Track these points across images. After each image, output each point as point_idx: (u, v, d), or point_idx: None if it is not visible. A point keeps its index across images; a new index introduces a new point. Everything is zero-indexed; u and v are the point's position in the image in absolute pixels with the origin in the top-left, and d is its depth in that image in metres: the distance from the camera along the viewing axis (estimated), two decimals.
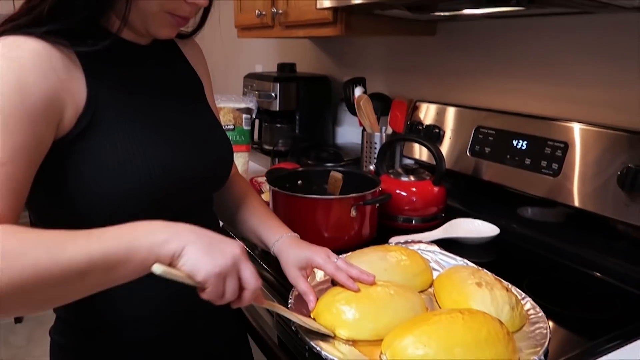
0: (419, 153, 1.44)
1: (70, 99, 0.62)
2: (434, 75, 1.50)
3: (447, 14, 1.23)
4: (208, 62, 0.90)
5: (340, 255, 0.85)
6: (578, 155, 1.04)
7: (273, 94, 1.81)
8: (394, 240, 1.09)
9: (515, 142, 1.17)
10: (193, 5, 0.69)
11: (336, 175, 1.18)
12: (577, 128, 1.05)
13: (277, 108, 1.83)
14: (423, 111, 1.44)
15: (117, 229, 0.55)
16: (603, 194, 0.98)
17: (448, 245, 1.06)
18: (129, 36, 0.71)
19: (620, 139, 0.98)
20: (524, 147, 1.15)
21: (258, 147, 1.97)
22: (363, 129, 1.55)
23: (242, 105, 1.58)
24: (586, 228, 1.06)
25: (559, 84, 1.16)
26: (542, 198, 1.10)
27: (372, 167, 1.48)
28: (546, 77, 1.19)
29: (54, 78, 0.60)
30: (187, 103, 0.78)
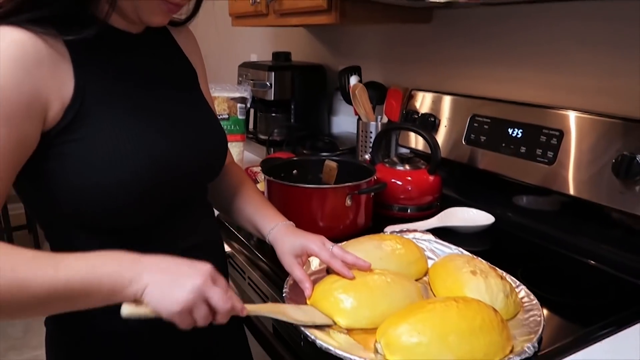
0: (415, 142, 1.44)
1: (55, 94, 0.61)
2: (430, 63, 1.49)
3: (443, 1, 1.22)
4: (202, 51, 0.89)
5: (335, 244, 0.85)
6: (573, 143, 1.04)
7: (268, 83, 1.80)
8: (389, 229, 1.09)
9: (510, 131, 1.17)
10: None
11: (331, 164, 1.18)
12: (573, 116, 1.05)
13: (272, 97, 1.82)
14: (419, 100, 1.43)
15: (85, 263, 0.57)
16: (598, 182, 0.99)
17: (443, 233, 1.06)
18: (121, 24, 0.70)
19: (615, 127, 0.97)
20: (519, 136, 1.15)
21: (253, 137, 1.96)
22: (358, 118, 1.55)
23: (237, 94, 1.57)
24: (581, 216, 1.07)
25: (555, 72, 1.15)
26: (537, 186, 1.10)
27: (368, 156, 1.48)
28: (542, 65, 1.18)
29: (37, 74, 0.59)
30: (180, 93, 0.77)
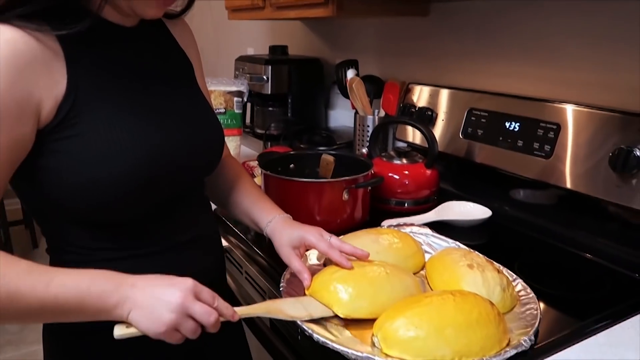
0: (412, 136, 1.43)
1: (48, 92, 0.60)
2: (427, 57, 1.49)
3: None
4: (198, 45, 0.88)
5: None
6: (570, 136, 1.04)
7: (265, 77, 1.79)
8: (386, 223, 1.09)
9: (507, 124, 1.17)
10: None
11: (328, 158, 1.18)
12: (570, 109, 1.05)
13: (269, 91, 1.81)
14: (416, 93, 1.43)
15: (75, 280, 0.59)
16: (594, 175, 0.99)
17: (440, 227, 1.06)
18: (114, 18, 0.69)
19: (612, 120, 0.97)
20: (517, 129, 1.14)
21: (250, 131, 1.95)
22: (355, 112, 1.54)
23: (234, 88, 1.56)
24: (577, 209, 1.07)
25: (552, 66, 1.15)
26: (534, 180, 1.10)
27: (365, 150, 1.47)
28: (539, 59, 1.18)
29: (29, 74, 0.58)
30: (176, 87, 0.77)
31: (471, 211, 1.16)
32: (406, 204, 1.21)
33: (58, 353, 0.76)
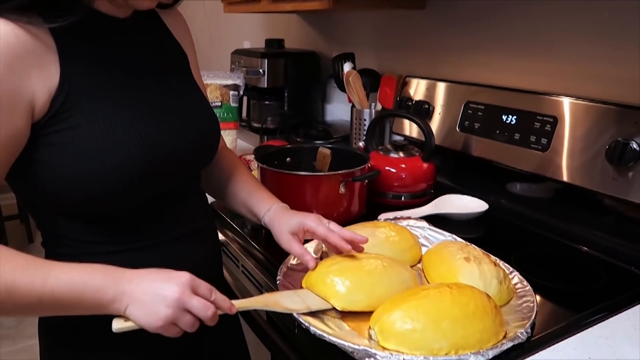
0: (409, 129, 1.43)
1: (41, 86, 0.60)
2: (424, 50, 1.48)
3: None
4: (194, 38, 0.88)
5: None
6: (567, 129, 1.04)
7: (261, 71, 1.79)
8: (383, 216, 1.09)
9: (504, 117, 1.16)
10: None
11: (324, 151, 1.17)
12: (567, 102, 1.05)
13: (265, 85, 1.80)
14: (413, 87, 1.43)
15: (72, 274, 0.59)
16: (591, 168, 0.99)
17: (437, 221, 1.06)
18: (107, 9, 0.68)
19: (608, 113, 0.97)
20: (514, 122, 1.14)
21: (246, 125, 1.95)
22: (352, 106, 1.54)
23: (230, 81, 1.55)
24: (574, 202, 1.07)
25: (549, 59, 1.15)
26: (531, 173, 1.10)
27: (362, 144, 1.47)
28: (536, 52, 1.17)
29: (21, 68, 0.58)
30: (171, 79, 0.76)
31: (468, 204, 1.16)
32: (403, 198, 1.21)
33: (54, 347, 0.76)
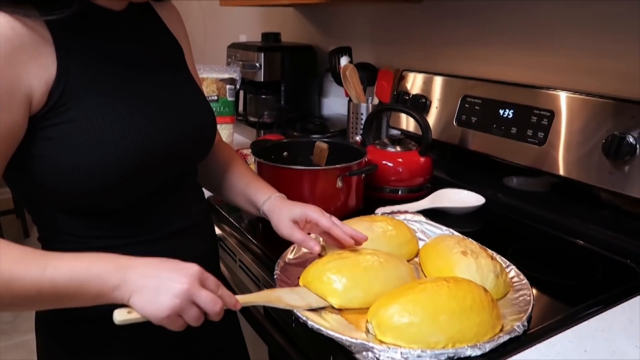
0: (406, 123, 1.43)
1: (38, 78, 0.59)
2: (421, 44, 1.48)
3: None
4: (190, 31, 0.87)
5: None
6: (564, 123, 1.04)
7: (257, 64, 1.78)
8: (380, 210, 1.09)
9: (501, 111, 1.16)
10: None
11: (321, 145, 1.17)
12: (564, 96, 1.05)
13: (262, 79, 1.79)
14: (410, 81, 1.42)
15: (72, 263, 0.58)
16: (588, 162, 0.99)
17: (434, 215, 1.06)
18: (103, 1, 0.67)
19: (605, 107, 0.97)
20: (511, 116, 1.14)
21: (243, 119, 1.94)
22: (349, 100, 1.53)
23: (226, 75, 1.55)
24: (570, 196, 1.07)
25: (546, 53, 1.15)
26: (528, 167, 1.10)
27: (358, 138, 1.47)
28: (533, 46, 1.17)
29: (18, 61, 0.57)
30: (167, 72, 0.76)
31: (465, 199, 1.16)
32: (400, 192, 1.21)
33: (51, 342, 0.76)
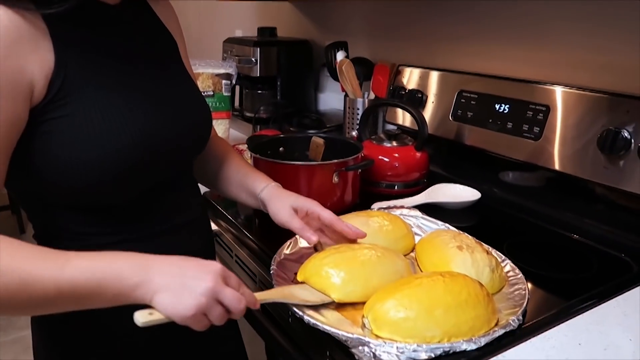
0: (402, 118, 1.43)
1: (38, 70, 0.59)
2: (417, 39, 1.48)
3: None
4: (185, 26, 0.87)
5: None
6: (559, 118, 1.04)
7: (253, 59, 1.77)
8: (377, 205, 1.09)
9: (497, 106, 1.16)
10: None
11: (318, 140, 1.17)
12: (559, 91, 1.05)
13: (258, 74, 1.79)
14: (406, 76, 1.42)
15: (92, 261, 0.56)
16: (583, 157, 0.99)
17: (430, 210, 1.06)
18: None
19: (600, 102, 0.98)
20: (506, 111, 1.15)
21: (239, 114, 1.94)
22: (345, 95, 1.53)
23: (222, 70, 1.54)
24: (566, 191, 1.08)
25: (542, 48, 1.15)
26: (523, 162, 1.11)
27: (355, 133, 1.47)
28: (529, 40, 1.17)
29: (18, 52, 0.57)
30: (162, 66, 0.76)
31: (461, 193, 1.17)
32: (396, 187, 1.22)
33: (47, 338, 0.76)
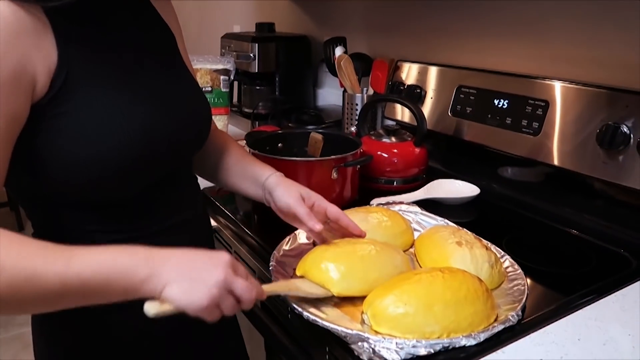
0: (401, 114, 1.43)
1: (41, 64, 0.58)
2: (416, 34, 1.47)
3: None
4: (183, 21, 0.87)
5: None
6: (558, 113, 1.04)
7: (252, 55, 1.77)
8: (376, 201, 1.09)
9: (496, 102, 1.16)
10: None
11: (316, 136, 1.17)
12: (558, 86, 1.05)
13: (256, 69, 1.78)
14: (405, 71, 1.42)
15: (97, 258, 0.55)
16: (582, 152, 0.99)
17: (429, 205, 1.06)
18: None
19: (600, 96, 0.98)
20: (505, 106, 1.14)
21: (238, 110, 1.93)
22: (344, 90, 1.53)
23: (220, 66, 1.53)
24: (565, 186, 1.08)
25: (541, 42, 1.14)
26: (523, 157, 1.11)
27: (354, 129, 1.47)
28: (528, 35, 1.17)
29: (21, 44, 0.56)
30: (163, 60, 0.75)
31: (460, 189, 1.17)
32: (395, 183, 1.21)
33: (48, 337, 0.76)
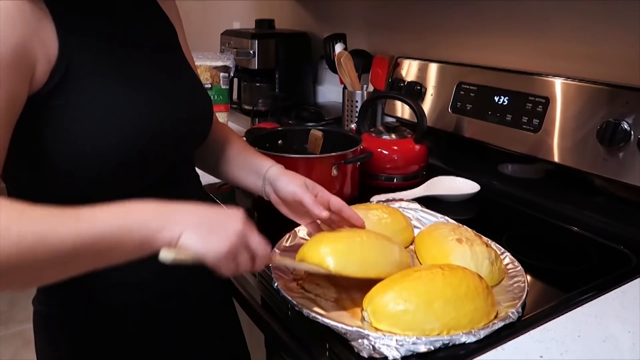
0: (401, 111, 1.42)
1: (42, 51, 0.58)
2: (416, 31, 1.47)
3: None
4: (183, 18, 0.86)
5: None
6: (559, 110, 1.04)
7: (251, 52, 1.76)
8: (376, 198, 1.09)
9: (496, 98, 1.16)
10: None
11: (316, 133, 1.17)
12: (559, 83, 1.05)
13: (256, 66, 1.78)
14: (405, 68, 1.41)
15: (108, 211, 0.53)
16: (582, 149, 0.99)
17: (429, 202, 1.06)
18: None
19: (600, 93, 0.97)
20: (506, 103, 1.14)
21: (237, 107, 1.93)
22: (344, 87, 1.53)
23: (219, 63, 1.53)
24: (565, 183, 1.08)
25: (541, 39, 1.14)
26: (523, 154, 1.10)
27: (354, 126, 1.47)
28: (528, 32, 1.17)
29: (24, 28, 0.56)
30: (163, 54, 0.75)
31: (460, 186, 1.17)
32: (395, 179, 1.21)
33: (49, 331, 0.76)
